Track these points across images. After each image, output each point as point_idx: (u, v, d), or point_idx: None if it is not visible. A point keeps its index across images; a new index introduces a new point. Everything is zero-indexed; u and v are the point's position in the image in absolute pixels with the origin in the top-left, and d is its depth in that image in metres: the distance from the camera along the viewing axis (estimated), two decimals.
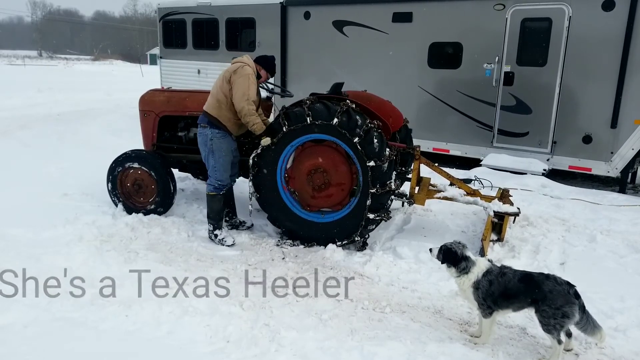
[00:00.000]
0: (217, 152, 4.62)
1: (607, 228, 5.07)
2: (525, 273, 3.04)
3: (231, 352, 2.94)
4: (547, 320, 2.83)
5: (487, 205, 4.59)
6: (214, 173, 4.69)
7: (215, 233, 4.74)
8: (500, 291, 2.96)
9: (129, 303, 3.42)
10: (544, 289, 2.86)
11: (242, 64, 4.52)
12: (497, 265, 3.12)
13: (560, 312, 2.80)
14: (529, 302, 2.92)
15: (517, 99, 7.46)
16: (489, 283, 2.99)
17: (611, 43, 6.61)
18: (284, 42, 9.48)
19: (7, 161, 7.44)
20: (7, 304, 3.34)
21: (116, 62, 56.52)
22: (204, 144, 4.67)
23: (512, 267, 3.12)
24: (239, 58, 4.66)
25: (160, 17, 11.28)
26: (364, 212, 4.36)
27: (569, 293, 2.84)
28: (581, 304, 2.86)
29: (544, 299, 2.84)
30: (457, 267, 3.07)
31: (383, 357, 2.88)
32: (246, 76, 4.43)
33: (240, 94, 4.41)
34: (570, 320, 2.83)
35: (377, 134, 4.24)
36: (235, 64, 4.57)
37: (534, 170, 7.03)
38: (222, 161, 4.66)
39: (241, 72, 4.44)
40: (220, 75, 4.62)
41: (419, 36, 8.06)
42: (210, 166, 4.69)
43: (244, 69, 4.47)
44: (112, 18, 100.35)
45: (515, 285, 2.95)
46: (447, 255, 3.10)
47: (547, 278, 2.92)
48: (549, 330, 2.85)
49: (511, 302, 2.98)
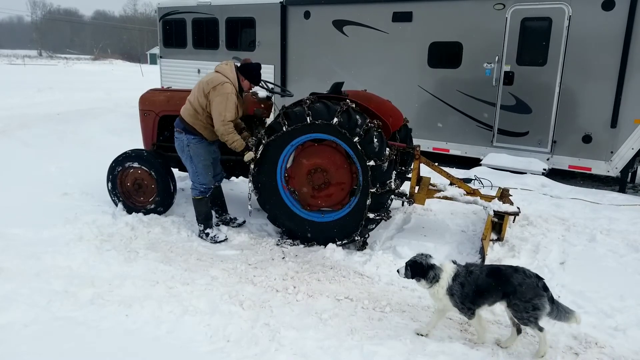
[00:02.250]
0: (195, 157, 4.63)
1: (607, 227, 5.07)
2: (493, 267, 3.08)
3: (231, 352, 2.94)
4: (520, 314, 2.89)
5: (487, 205, 4.60)
6: (197, 178, 4.71)
7: (206, 232, 4.76)
8: (474, 290, 2.98)
9: (129, 302, 3.42)
10: (513, 282, 2.90)
11: (223, 80, 4.40)
12: (462, 265, 3.13)
13: (530, 304, 2.85)
14: (500, 296, 2.95)
15: (517, 99, 7.46)
16: (461, 286, 2.99)
17: (611, 43, 6.61)
18: (284, 41, 9.48)
19: (7, 161, 7.44)
20: (7, 303, 3.34)
21: (116, 62, 56.47)
22: (181, 150, 4.68)
23: (476, 264, 3.15)
24: (221, 68, 4.54)
25: (160, 17, 11.28)
26: (364, 211, 4.36)
27: (537, 286, 2.89)
28: (550, 296, 2.91)
29: (515, 293, 2.88)
30: (426, 278, 3.05)
31: (383, 356, 2.88)
32: (224, 95, 4.34)
33: (217, 114, 4.37)
34: (542, 312, 2.88)
35: (377, 134, 4.24)
36: (216, 75, 4.46)
37: (533, 170, 7.03)
38: (202, 165, 4.67)
39: (220, 90, 4.35)
40: (199, 84, 4.53)
41: (419, 36, 8.06)
42: (192, 172, 4.71)
43: (223, 86, 4.36)
44: (112, 17, 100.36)
45: (485, 281, 2.98)
46: (415, 269, 3.08)
47: (515, 271, 2.96)
48: (525, 323, 2.91)
49: (485, 298, 3.00)
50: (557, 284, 3.80)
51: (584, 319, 3.29)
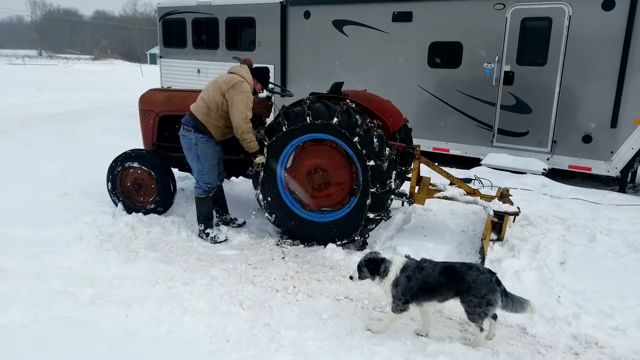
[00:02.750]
0: (202, 156, 4.62)
1: (607, 227, 5.07)
2: (447, 265, 3.10)
3: (231, 352, 2.94)
4: (473, 310, 2.93)
5: (487, 205, 4.59)
6: (201, 177, 4.69)
7: (206, 232, 4.75)
8: (419, 286, 3.01)
9: (128, 302, 3.42)
10: (467, 279, 2.94)
11: (241, 79, 4.46)
12: (415, 260, 3.16)
13: (484, 300, 2.90)
14: (453, 294, 2.99)
15: (517, 99, 7.46)
16: (407, 279, 3.03)
17: (611, 42, 6.61)
18: (284, 41, 9.48)
19: (6, 160, 7.44)
20: (7, 303, 3.34)
21: (116, 62, 56.48)
22: (188, 148, 4.66)
23: (432, 260, 3.17)
24: (237, 69, 4.59)
25: (160, 17, 11.28)
26: (363, 211, 4.36)
27: (491, 281, 2.94)
28: (502, 290, 2.96)
29: (469, 289, 2.93)
30: (379, 273, 3.08)
31: (383, 356, 2.88)
32: (245, 94, 4.40)
33: (239, 112, 4.38)
34: (494, 307, 2.94)
35: (377, 134, 4.24)
36: (233, 75, 4.51)
37: (533, 170, 7.03)
38: (208, 165, 4.66)
39: (240, 89, 4.39)
40: (214, 83, 4.56)
41: (419, 36, 8.05)
42: (197, 170, 4.69)
43: (242, 85, 4.41)
44: (112, 17, 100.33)
45: (436, 279, 3.01)
46: (374, 267, 3.10)
47: (470, 268, 3.00)
48: (474, 319, 2.96)
49: (434, 295, 3.02)
50: (557, 284, 3.79)
51: (584, 319, 3.31)
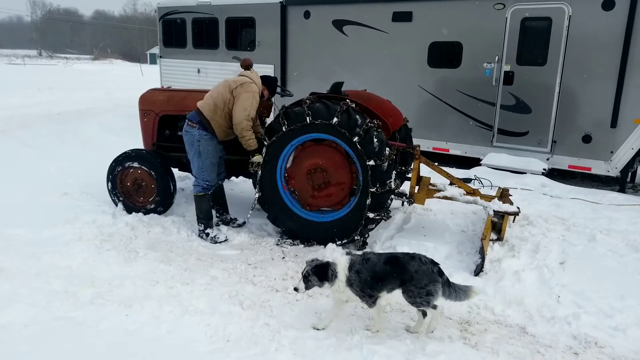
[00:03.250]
0: (203, 154, 4.64)
1: (607, 227, 5.07)
2: (391, 255, 3.14)
3: (231, 351, 2.94)
4: (413, 299, 2.99)
5: (487, 205, 4.60)
6: (201, 174, 4.71)
7: (206, 232, 4.75)
8: (371, 276, 3.03)
9: (129, 302, 3.42)
10: (409, 269, 2.98)
11: (251, 80, 4.55)
12: (357, 254, 3.18)
13: (424, 290, 2.96)
14: (398, 283, 3.01)
15: (516, 99, 7.46)
16: (358, 273, 3.05)
17: (611, 42, 6.61)
18: (284, 41, 9.48)
19: (6, 160, 7.44)
20: (7, 303, 3.34)
21: (116, 62, 56.49)
22: (190, 144, 4.68)
23: (374, 252, 3.20)
24: (247, 73, 4.67)
25: (160, 17, 11.28)
26: (363, 211, 4.36)
27: (433, 272, 2.98)
28: (445, 280, 3.01)
29: (411, 279, 2.97)
30: (328, 278, 3.05)
31: (383, 356, 2.88)
32: (252, 93, 4.48)
33: (242, 108, 4.44)
34: (434, 298, 2.98)
35: (376, 133, 4.24)
36: (244, 77, 4.59)
37: (533, 170, 7.03)
38: (209, 163, 4.68)
39: (247, 88, 4.48)
40: (225, 82, 4.63)
41: (419, 35, 8.05)
42: (197, 167, 4.71)
43: (250, 85, 4.51)
44: (112, 17, 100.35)
45: (382, 268, 3.04)
46: (321, 274, 3.05)
47: (412, 258, 3.04)
48: (418, 305, 3.02)
49: (383, 285, 3.04)
50: (557, 284, 3.80)
51: (583, 319, 3.31)
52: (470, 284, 3.14)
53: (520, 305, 3.52)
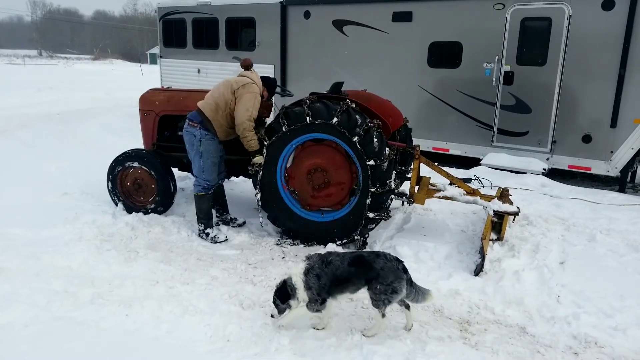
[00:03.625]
0: (205, 153, 4.64)
1: (607, 227, 5.07)
2: (355, 255, 3.12)
3: (231, 351, 2.94)
4: (378, 297, 2.97)
5: (486, 205, 4.60)
6: (202, 174, 4.71)
7: (206, 232, 4.75)
8: (331, 280, 3.01)
9: (129, 302, 3.42)
10: (376, 267, 2.97)
11: (252, 81, 4.57)
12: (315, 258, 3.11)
13: (390, 287, 2.95)
14: (363, 283, 3.01)
15: (516, 99, 7.46)
16: (318, 278, 3.02)
17: (611, 42, 6.60)
18: (284, 41, 9.48)
19: (6, 160, 7.44)
20: (7, 303, 3.34)
21: (116, 62, 56.49)
22: (191, 143, 4.68)
23: (337, 252, 3.18)
24: (248, 73, 4.68)
25: (160, 17, 11.28)
26: (363, 211, 4.36)
27: (398, 269, 2.98)
28: (408, 278, 3.01)
29: (377, 277, 2.96)
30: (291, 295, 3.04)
31: (383, 356, 2.88)
32: (254, 94, 4.50)
33: (244, 109, 4.44)
34: (398, 295, 2.97)
35: (376, 133, 4.24)
36: (245, 77, 4.60)
37: (533, 170, 7.03)
38: (210, 162, 4.69)
39: (249, 89, 4.49)
40: (226, 82, 4.63)
41: (419, 35, 8.06)
42: (198, 167, 4.71)
43: (252, 86, 4.53)
44: (112, 17, 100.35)
45: (346, 270, 3.02)
46: (281, 296, 3.07)
47: (377, 256, 3.03)
48: (377, 305, 3.00)
49: (346, 287, 3.03)
50: (557, 284, 3.80)
51: (583, 319, 3.31)
52: (429, 288, 3.15)
53: (520, 305, 3.52)
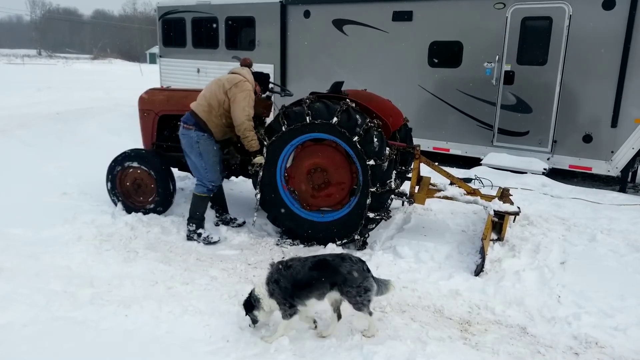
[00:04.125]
0: (205, 154, 4.59)
1: (608, 227, 5.06)
2: (319, 259, 3.08)
3: (230, 352, 2.93)
4: (355, 300, 2.96)
5: (487, 205, 4.59)
6: (206, 175, 4.64)
7: (198, 232, 4.66)
8: (292, 284, 2.95)
9: (128, 302, 3.41)
10: (342, 271, 2.95)
11: (244, 78, 4.50)
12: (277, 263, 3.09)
13: (362, 288, 2.95)
14: (329, 287, 2.97)
15: (517, 98, 7.45)
16: (277, 282, 2.98)
17: (611, 42, 6.60)
18: (284, 41, 9.47)
19: (6, 160, 7.42)
20: (6, 303, 3.33)
21: (115, 61, 56.39)
22: (189, 146, 4.60)
23: (299, 258, 3.13)
24: (239, 70, 4.63)
25: (159, 16, 11.27)
26: (364, 211, 4.35)
27: (364, 269, 2.99)
28: (372, 275, 3.04)
29: (345, 282, 2.94)
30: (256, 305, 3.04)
31: (383, 356, 2.87)
32: (247, 92, 4.44)
33: (241, 109, 4.39)
34: (372, 293, 2.98)
35: (376, 133, 4.23)
36: (235, 75, 4.54)
37: (534, 170, 7.03)
38: (212, 162, 4.64)
39: (242, 87, 4.43)
40: (217, 81, 4.56)
41: (419, 35, 8.05)
42: (201, 168, 4.63)
43: (245, 84, 4.46)
44: (112, 17, 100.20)
45: (307, 274, 2.96)
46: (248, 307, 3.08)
47: (343, 260, 3.01)
48: (359, 308, 2.99)
49: (310, 292, 2.96)
50: (558, 284, 3.79)
51: (584, 319, 3.31)
52: (389, 279, 3.17)
53: (520, 306, 3.52)
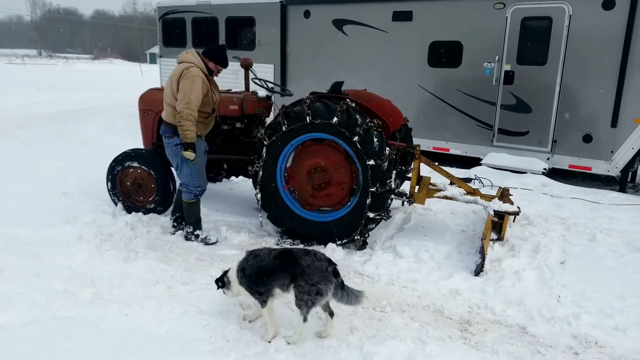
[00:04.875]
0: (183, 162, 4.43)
1: (607, 227, 5.07)
2: (284, 249, 3.09)
3: (230, 351, 2.94)
4: (301, 296, 2.87)
5: (487, 205, 4.59)
6: (191, 181, 4.52)
7: (195, 234, 4.63)
8: (256, 271, 2.98)
9: (128, 302, 3.42)
10: (302, 263, 2.88)
11: (188, 64, 4.30)
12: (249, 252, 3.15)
13: (315, 288, 2.84)
14: (289, 278, 2.93)
15: (517, 98, 7.46)
16: (243, 271, 3.03)
17: (611, 42, 6.60)
18: (284, 41, 9.47)
19: (6, 160, 7.43)
20: (7, 302, 3.34)
21: (116, 61, 56.44)
22: (174, 153, 4.47)
23: (269, 248, 3.16)
24: (183, 56, 4.42)
25: (159, 16, 11.27)
26: (364, 211, 4.35)
27: (327, 270, 2.88)
28: (339, 282, 2.92)
29: (302, 274, 2.86)
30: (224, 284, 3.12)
31: (383, 356, 2.87)
32: (190, 78, 4.24)
33: (181, 97, 4.22)
34: (322, 298, 2.87)
35: (376, 133, 4.23)
36: (180, 65, 4.35)
37: (534, 169, 7.03)
38: (198, 167, 4.51)
39: (186, 74, 4.25)
40: (168, 79, 4.41)
41: (419, 35, 8.05)
42: (185, 174, 4.49)
43: (189, 70, 4.26)
44: (112, 17, 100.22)
45: (271, 262, 2.97)
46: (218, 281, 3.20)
47: (306, 253, 2.95)
48: (299, 305, 2.90)
49: (273, 280, 2.96)
50: (557, 284, 3.80)
51: (584, 319, 3.31)
52: (363, 289, 3.07)
53: (520, 305, 3.52)
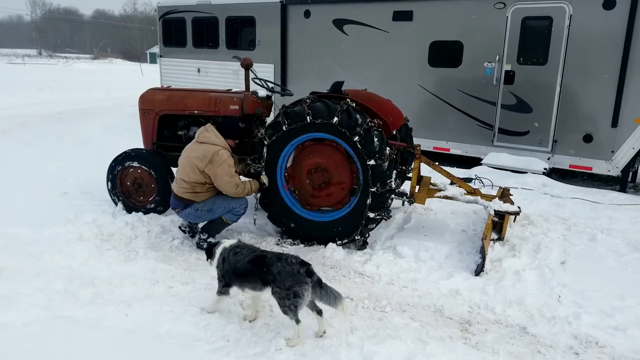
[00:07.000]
0: (215, 204, 4.41)
1: (608, 227, 5.07)
2: (259, 254, 3.13)
3: (231, 351, 2.94)
4: (282, 302, 2.94)
5: (487, 204, 4.59)
6: (231, 207, 4.43)
7: (209, 241, 4.51)
8: (231, 269, 3.11)
9: (129, 302, 3.42)
10: (273, 270, 2.96)
11: (216, 148, 4.24)
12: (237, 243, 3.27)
13: (291, 292, 2.90)
14: (261, 284, 3.02)
15: (517, 98, 7.45)
16: (223, 260, 3.14)
17: (612, 42, 6.60)
18: (284, 40, 9.47)
19: (7, 160, 7.43)
20: (8, 302, 3.34)
21: (116, 61, 56.43)
22: (196, 217, 4.47)
23: (252, 247, 3.26)
24: (204, 136, 4.33)
25: (160, 16, 11.27)
26: (364, 211, 4.35)
27: (299, 272, 2.92)
28: (315, 280, 2.96)
29: (274, 281, 2.94)
30: (211, 255, 3.28)
31: (383, 356, 2.87)
32: (224, 162, 4.22)
33: (226, 183, 4.25)
34: (302, 300, 2.92)
35: (377, 133, 4.23)
36: (205, 147, 4.26)
37: (534, 169, 7.03)
38: (222, 199, 4.42)
39: (217, 161, 4.20)
40: (188, 159, 4.30)
41: (420, 35, 8.05)
42: (222, 210, 4.42)
43: (219, 155, 4.21)
44: (112, 17, 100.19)
45: (244, 266, 3.08)
46: (207, 251, 3.36)
47: (278, 259, 3.02)
48: (285, 311, 2.96)
49: (244, 281, 3.09)
50: (558, 284, 3.80)
51: (584, 319, 3.31)
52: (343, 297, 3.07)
53: (520, 305, 3.52)
